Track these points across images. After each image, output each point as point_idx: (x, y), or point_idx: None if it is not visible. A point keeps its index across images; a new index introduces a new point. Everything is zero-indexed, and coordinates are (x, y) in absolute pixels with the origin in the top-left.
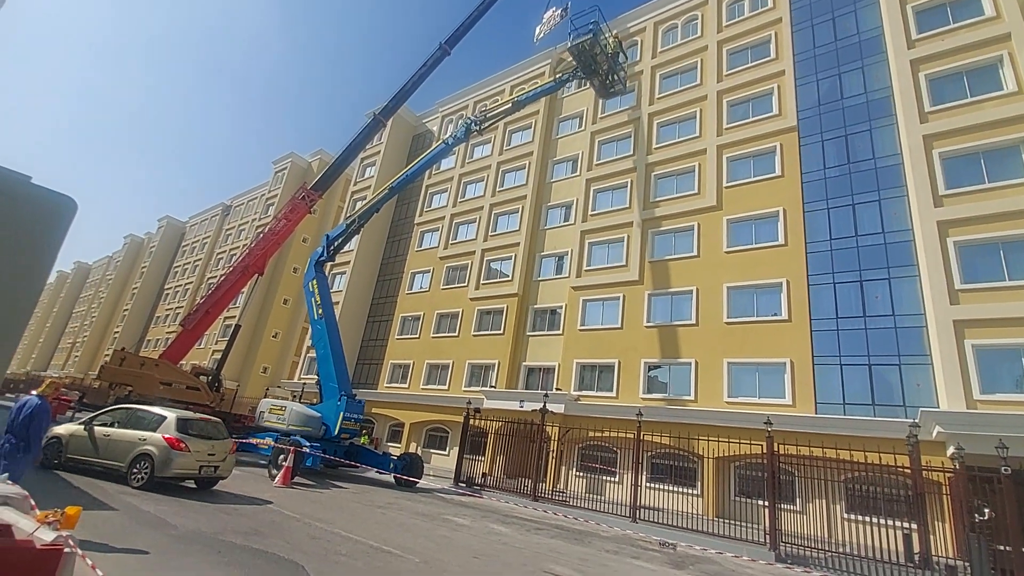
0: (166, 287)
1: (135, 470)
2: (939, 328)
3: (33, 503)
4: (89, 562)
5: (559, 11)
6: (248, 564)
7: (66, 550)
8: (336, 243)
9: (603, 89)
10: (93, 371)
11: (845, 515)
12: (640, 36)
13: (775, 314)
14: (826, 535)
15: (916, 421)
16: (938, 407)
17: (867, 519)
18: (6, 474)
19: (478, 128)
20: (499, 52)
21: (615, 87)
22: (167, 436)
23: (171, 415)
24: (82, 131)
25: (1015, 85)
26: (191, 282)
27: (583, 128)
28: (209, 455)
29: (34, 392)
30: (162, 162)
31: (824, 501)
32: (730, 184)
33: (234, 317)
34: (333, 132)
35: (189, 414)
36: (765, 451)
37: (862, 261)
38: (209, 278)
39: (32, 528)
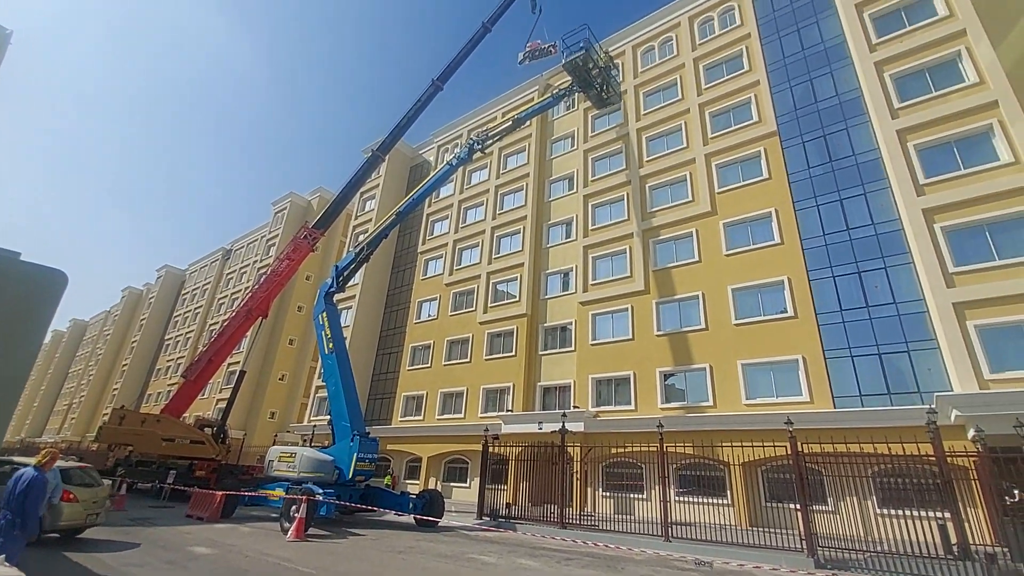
0: (166, 338)
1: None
2: (940, 312)
3: None
4: None
5: (548, 45)
6: None
7: None
8: (345, 273)
9: (599, 101)
10: (92, 433)
11: (878, 510)
12: (620, 59)
13: (781, 311)
14: (862, 534)
15: (932, 406)
16: (951, 390)
17: (901, 512)
18: (3, 555)
19: (480, 147)
20: (490, 79)
21: (611, 97)
22: None
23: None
24: (75, 190)
25: (976, 76)
26: (192, 331)
27: (576, 147)
28: (93, 503)
29: (30, 463)
30: (162, 213)
31: (856, 498)
32: (722, 189)
33: (238, 363)
34: (330, 168)
35: (68, 463)
36: (790, 452)
37: (857, 253)
38: (211, 325)
39: None
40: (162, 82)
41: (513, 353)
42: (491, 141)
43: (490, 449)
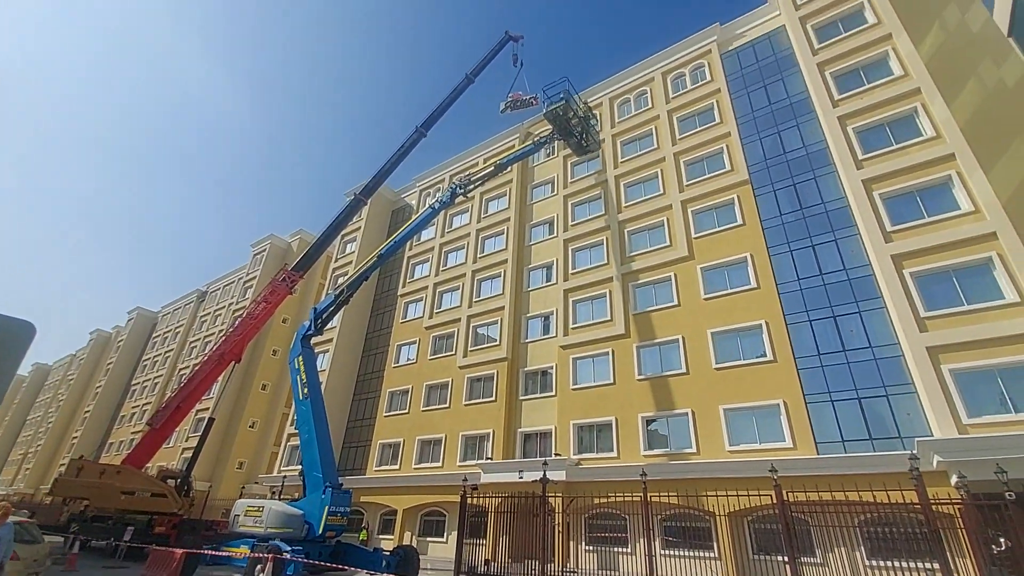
0: (133, 383)
1: None
2: (915, 356)
3: None
4: None
5: (530, 97)
6: None
7: None
8: (324, 315)
9: (579, 148)
10: (46, 485)
11: (867, 562)
12: (598, 110)
13: (760, 355)
14: None
15: (915, 452)
16: (931, 435)
17: (890, 564)
18: None
19: (463, 192)
20: (472, 125)
21: (590, 145)
22: None
23: None
24: (47, 229)
25: (933, 131)
26: (161, 375)
27: (556, 192)
28: (34, 560)
29: None
30: (138, 254)
31: (844, 549)
32: (698, 235)
33: (207, 410)
34: (312, 210)
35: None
36: (775, 501)
37: (831, 298)
38: (181, 369)
39: None
40: (139, 117)
41: (493, 398)
42: (473, 186)
43: (468, 500)
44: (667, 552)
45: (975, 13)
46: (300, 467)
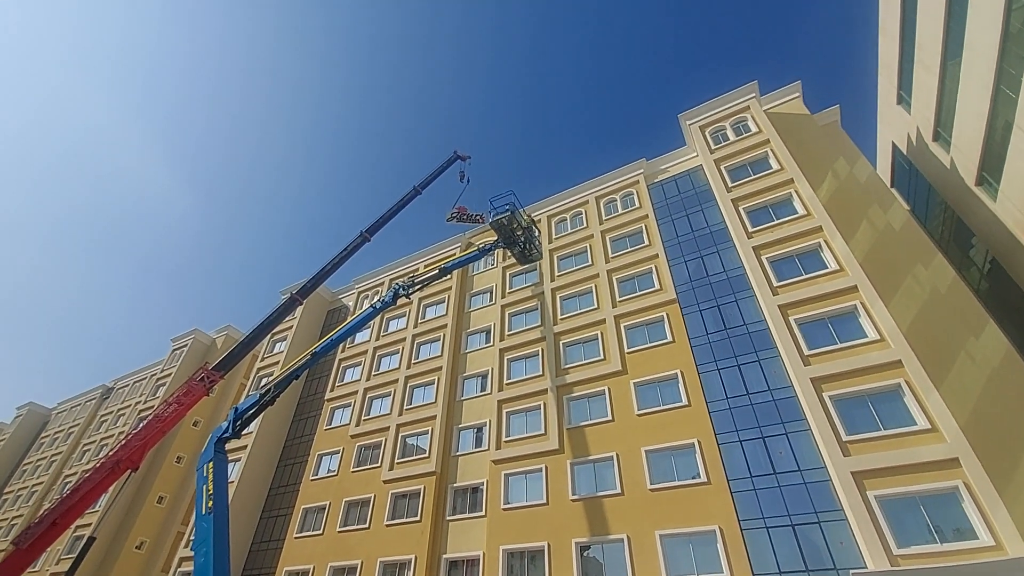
0: (7, 491)
1: None
2: (841, 480)
3: None
4: None
5: (477, 215)
6: None
7: None
8: (245, 417)
9: (522, 256)
10: None
11: None
12: (537, 226)
13: (694, 476)
14: None
15: None
16: (865, 567)
17: None
18: None
19: (406, 293)
20: (416, 233)
21: (532, 254)
22: None
23: None
24: None
25: (836, 264)
26: (41, 483)
27: (493, 302)
28: None
29: None
30: (40, 343)
31: None
32: (631, 350)
33: (88, 526)
34: (241, 307)
35: None
36: None
37: (759, 418)
38: (67, 476)
39: None
40: (52, 192)
41: (418, 518)
42: (416, 287)
43: None
44: None
45: (861, 167)
46: None
